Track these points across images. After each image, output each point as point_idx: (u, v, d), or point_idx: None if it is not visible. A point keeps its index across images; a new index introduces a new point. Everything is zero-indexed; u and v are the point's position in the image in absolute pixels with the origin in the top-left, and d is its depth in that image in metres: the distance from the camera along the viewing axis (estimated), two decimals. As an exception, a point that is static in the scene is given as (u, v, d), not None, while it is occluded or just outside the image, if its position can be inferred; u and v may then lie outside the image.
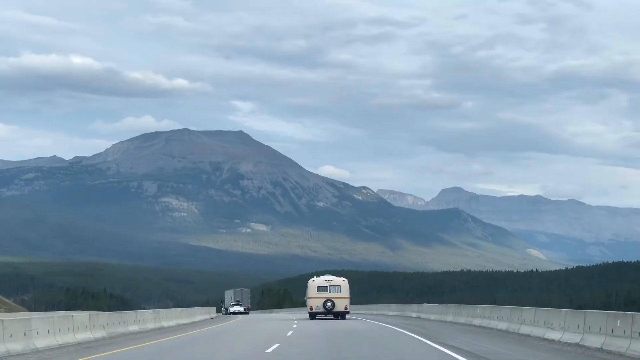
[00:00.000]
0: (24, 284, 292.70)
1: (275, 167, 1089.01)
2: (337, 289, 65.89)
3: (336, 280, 66.61)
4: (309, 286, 66.79)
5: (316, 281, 66.52)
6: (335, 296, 65.52)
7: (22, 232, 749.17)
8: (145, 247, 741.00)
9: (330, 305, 65.16)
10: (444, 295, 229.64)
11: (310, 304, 66.27)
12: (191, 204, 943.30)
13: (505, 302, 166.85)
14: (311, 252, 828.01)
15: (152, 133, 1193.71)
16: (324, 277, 67.02)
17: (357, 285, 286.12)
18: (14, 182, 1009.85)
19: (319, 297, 65.53)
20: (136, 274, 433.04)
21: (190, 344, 35.45)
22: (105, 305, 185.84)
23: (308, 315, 68.91)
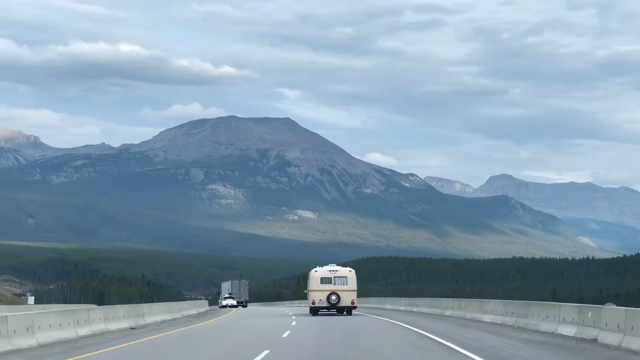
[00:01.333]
0: (68, 270, 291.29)
1: (322, 154, 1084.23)
2: (343, 280, 58.02)
3: (342, 271, 58.65)
4: (311, 277, 58.90)
5: (319, 272, 58.65)
6: (340, 289, 57.73)
7: (71, 218, 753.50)
8: (192, 234, 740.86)
9: (335, 299, 57.46)
10: (496, 283, 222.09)
11: (312, 298, 58.22)
12: (238, 190, 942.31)
13: (570, 294, 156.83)
14: (358, 239, 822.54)
15: (199, 120, 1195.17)
16: (328, 267, 59.21)
17: (404, 272, 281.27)
18: (63, 169, 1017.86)
19: (322, 290, 57.76)
20: (182, 261, 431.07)
21: (152, 352, 27.54)
22: (138, 292, 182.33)
23: (309, 309, 60.28)
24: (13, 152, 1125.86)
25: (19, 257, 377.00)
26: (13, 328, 28.36)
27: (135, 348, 29.35)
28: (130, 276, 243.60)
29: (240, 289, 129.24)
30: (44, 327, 31.14)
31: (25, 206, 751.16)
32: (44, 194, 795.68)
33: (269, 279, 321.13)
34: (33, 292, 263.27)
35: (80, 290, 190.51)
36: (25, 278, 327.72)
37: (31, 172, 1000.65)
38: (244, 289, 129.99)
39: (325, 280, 58.08)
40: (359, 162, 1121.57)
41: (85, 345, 30.57)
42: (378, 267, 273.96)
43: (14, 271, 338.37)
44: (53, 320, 32.32)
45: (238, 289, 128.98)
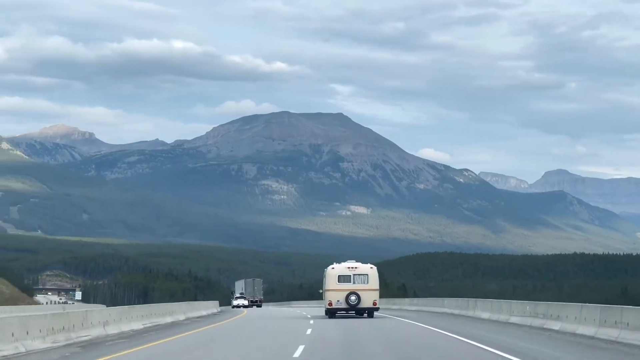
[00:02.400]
0: (118, 265, 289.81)
1: (375, 150, 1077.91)
2: (364, 278, 51.97)
3: (362, 268, 52.63)
4: (327, 275, 52.88)
5: (336, 269, 52.65)
6: (361, 288, 51.67)
7: (125, 214, 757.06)
8: (244, 229, 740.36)
9: (354, 299, 51.38)
10: (556, 280, 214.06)
11: (328, 298, 52.26)
12: (291, 186, 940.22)
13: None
14: (412, 235, 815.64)
15: (252, 116, 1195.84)
16: (347, 264, 53.03)
17: (460, 268, 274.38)
18: (118, 165, 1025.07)
19: (340, 290, 51.67)
20: (233, 256, 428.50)
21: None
22: (181, 288, 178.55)
23: (325, 311, 54.37)
24: (69, 148, 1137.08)
25: (71, 252, 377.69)
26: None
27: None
28: (178, 272, 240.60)
29: (255, 287, 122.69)
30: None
31: (80, 202, 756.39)
32: (99, 190, 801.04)
33: (321, 275, 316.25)
34: (82, 288, 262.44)
35: (124, 286, 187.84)
36: (76, 273, 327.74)
37: (86, 168, 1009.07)
38: (258, 288, 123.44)
39: (344, 278, 52.06)
40: (412, 158, 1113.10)
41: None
42: (432, 263, 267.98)
43: (65, 266, 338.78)
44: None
45: (252, 287, 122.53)
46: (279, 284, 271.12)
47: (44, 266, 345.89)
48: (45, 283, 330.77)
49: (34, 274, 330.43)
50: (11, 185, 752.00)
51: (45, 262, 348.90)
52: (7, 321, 25.88)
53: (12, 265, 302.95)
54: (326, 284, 52.79)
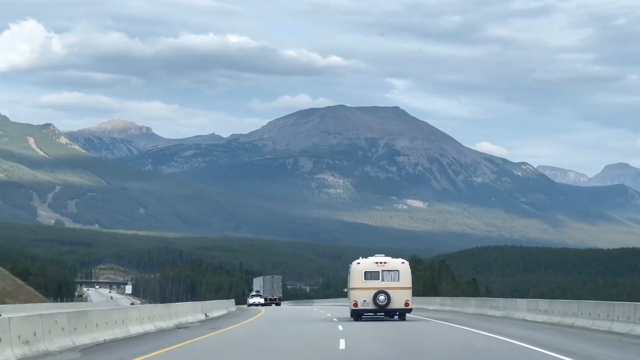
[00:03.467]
0: (171, 258, 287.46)
1: (431, 143, 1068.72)
2: (394, 275, 45.14)
3: (392, 263, 45.73)
4: (352, 272, 45.88)
5: (362, 264, 45.72)
6: (391, 286, 44.79)
7: (181, 208, 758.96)
8: (300, 223, 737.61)
9: (383, 299, 44.47)
10: (624, 275, 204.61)
11: (354, 298, 45.42)
12: (347, 180, 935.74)
13: None
14: (469, 229, 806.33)
15: (307, 110, 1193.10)
16: (374, 259, 45.92)
17: (522, 262, 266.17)
18: (174, 159, 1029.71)
19: (366, 288, 44.81)
20: (289, 250, 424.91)
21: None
22: (228, 282, 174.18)
23: (350, 312, 47.48)
24: (126, 143, 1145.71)
25: (126, 245, 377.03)
26: None
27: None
28: (231, 265, 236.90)
29: (273, 285, 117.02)
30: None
31: (136, 196, 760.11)
32: (155, 184, 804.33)
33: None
34: (133, 281, 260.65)
35: (172, 279, 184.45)
36: (129, 267, 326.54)
37: (143, 162, 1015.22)
38: (277, 285, 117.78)
39: (371, 275, 45.11)
40: (469, 151, 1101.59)
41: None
42: (493, 257, 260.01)
43: (119, 259, 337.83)
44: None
45: (270, 285, 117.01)
46: (334, 279, 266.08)
47: (98, 259, 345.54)
48: (98, 276, 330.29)
49: (88, 267, 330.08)
50: (69, 180, 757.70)
51: (98, 255, 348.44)
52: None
53: (65, 258, 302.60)
54: (351, 281, 45.88)
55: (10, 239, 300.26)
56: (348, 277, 47.26)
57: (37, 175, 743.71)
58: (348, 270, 47.35)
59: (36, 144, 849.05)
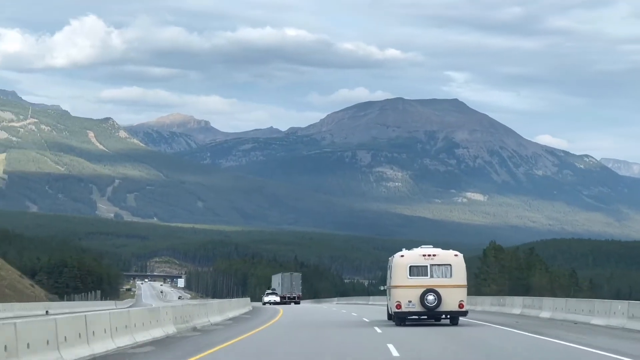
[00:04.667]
0: (227, 252, 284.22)
1: (491, 136, 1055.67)
2: (446, 270, 37.56)
3: (443, 256, 38.04)
4: (395, 266, 38.17)
5: (407, 257, 38.10)
6: (442, 284, 37.18)
7: (239, 202, 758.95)
8: (359, 217, 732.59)
9: (433, 300, 36.84)
10: None
11: (396, 298, 37.64)
12: (405, 173, 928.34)
13: None
14: (530, 223, 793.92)
15: (365, 103, 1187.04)
16: (421, 251, 38.38)
17: (590, 255, 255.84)
18: (232, 152, 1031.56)
19: (412, 286, 37.14)
20: (347, 244, 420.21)
21: None
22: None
23: (387, 315, 41.65)
24: (185, 136, 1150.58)
25: (182, 238, 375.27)
26: None
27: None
28: (287, 258, 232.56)
29: (292, 283, 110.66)
30: None
31: (195, 189, 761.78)
32: (213, 178, 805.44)
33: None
34: (187, 275, 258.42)
35: (223, 272, 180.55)
36: (185, 260, 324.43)
37: (201, 156, 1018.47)
38: (296, 283, 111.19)
39: (418, 270, 37.44)
40: (529, 144, 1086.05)
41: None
42: (558, 251, 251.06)
43: (174, 253, 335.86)
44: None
45: (289, 282, 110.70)
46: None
47: (153, 252, 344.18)
48: (153, 269, 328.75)
49: (142, 260, 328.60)
50: (128, 173, 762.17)
51: (153, 248, 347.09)
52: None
53: (120, 251, 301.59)
54: (392, 277, 38.30)
55: (67, 232, 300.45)
56: (388, 272, 40.24)
57: (97, 169, 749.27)
58: (388, 265, 40.24)
59: (96, 138, 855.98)
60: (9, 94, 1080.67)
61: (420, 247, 39.04)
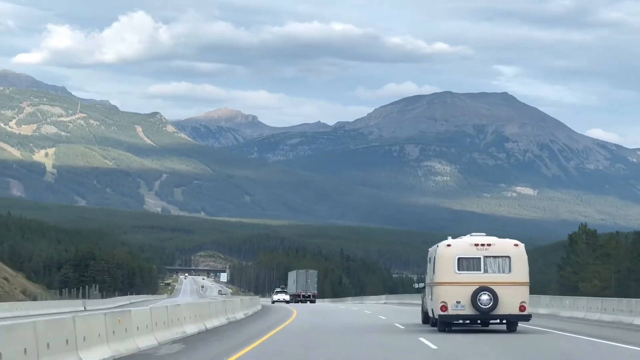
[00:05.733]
0: (273, 246, 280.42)
1: (541, 129, 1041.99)
2: (503, 264, 30.01)
3: (500, 246, 30.45)
4: (439, 258, 30.44)
5: (454, 247, 30.46)
6: (499, 280, 29.69)
7: (286, 196, 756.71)
8: (407, 211, 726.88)
9: (488, 300, 29.43)
10: None
11: (440, 298, 30.00)
12: (454, 167, 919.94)
13: None
14: (581, 217, 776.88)
15: (414, 96, 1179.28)
16: (473, 239, 30.96)
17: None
18: (280, 147, 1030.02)
19: (461, 283, 29.71)
20: (395, 238, 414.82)
21: None
22: (322, 268, 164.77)
23: (427, 319, 34.29)
24: (232, 131, 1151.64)
25: (228, 232, 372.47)
26: None
27: None
28: (333, 252, 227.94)
29: (308, 280, 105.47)
30: None
31: (242, 184, 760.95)
32: (261, 172, 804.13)
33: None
34: (231, 268, 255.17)
35: (265, 265, 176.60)
36: (230, 254, 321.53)
37: (249, 150, 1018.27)
38: (311, 280, 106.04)
39: (468, 263, 29.88)
40: (581, 137, 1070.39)
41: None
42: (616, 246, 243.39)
43: (219, 246, 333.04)
44: None
45: (305, 280, 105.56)
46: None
47: (198, 246, 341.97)
48: (198, 263, 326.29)
49: (187, 254, 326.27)
50: (176, 168, 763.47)
51: (198, 242, 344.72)
52: None
53: (164, 245, 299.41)
54: (436, 272, 30.52)
55: (112, 226, 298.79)
56: (428, 266, 32.82)
57: (145, 164, 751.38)
58: (428, 257, 32.92)
59: (144, 132, 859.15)
60: (59, 90, 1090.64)
61: (469, 234, 31.77)
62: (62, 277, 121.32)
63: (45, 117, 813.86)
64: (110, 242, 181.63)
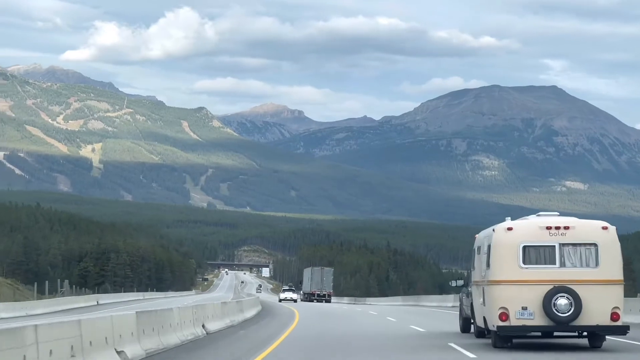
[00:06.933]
0: (318, 240, 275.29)
1: (591, 123, 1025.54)
2: (588, 255, 21.39)
3: (582, 229, 21.60)
4: (496, 245, 21.62)
5: (518, 230, 21.63)
6: (582, 278, 21.14)
7: (332, 190, 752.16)
8: (454, 205, 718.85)
9: (567, 306, 20.95)
10: None
11: (499, 302, 21.43)
12: (502, 161, 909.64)
13: None
14: (634, 212, 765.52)
15: (461, 90, 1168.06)
16: (543, 220, 21.88)
17: None
18: (326, 142, 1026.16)
19: (527, 282, 21.20)
20: (442, 232, 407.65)
21: None
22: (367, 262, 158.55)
23: (464, 324, 28.24)
24: (278, 126, 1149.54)
25: (272, 227, 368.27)
26: None
27: None
28: (380, 246, 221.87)
29: (323, 278, 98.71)
30: None
31: (288, 178, 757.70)
32: (307, 167, 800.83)
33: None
34: (274, 263, 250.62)
35: (307, 259, 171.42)
36: (274, 248, 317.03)
37: (295, 145, 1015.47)
38: (326, 278, 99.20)
39: (538, 253, 21.49)
40: (633, 131, 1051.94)
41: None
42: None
43: (263, 241, 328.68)
44: None
45: (320, 278, 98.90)
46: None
47: (242, 241, 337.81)
48: (241, 258, 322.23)
49: (230, 249, 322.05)
50: (221, 162, 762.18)
51: (242, 236, 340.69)
52: None
53: (207, 240, 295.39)
54: (491, 266, 21.88)
55: (155, 220, 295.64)
56: (476, 258, 24.29)
57: (191, 159, 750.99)
58: (475, 246, 24.79)
59: (190, 127, 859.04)
60: (106, 86, 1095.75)
61: (537, 214, 22.67)
62: (81, 270, 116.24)
63: (92, 113, 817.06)
64: (147, 235, 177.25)
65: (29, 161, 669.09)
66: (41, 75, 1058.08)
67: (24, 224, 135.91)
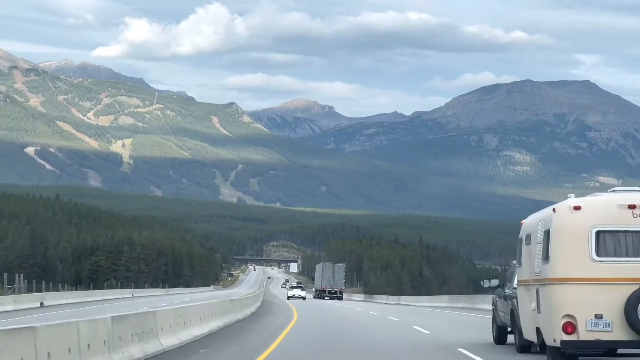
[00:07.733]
0: (348, 235, 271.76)
1: (625, 118, 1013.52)
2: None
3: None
4: (558, 230, 16.39)
5: (588, 209, 16.39)
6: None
7: (363, 186, 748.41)
8: (486, 201, 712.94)
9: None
10: None
11: (562, 309, 16.02)
12: (534, 157, 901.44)
13: None
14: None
15: (492, 85, 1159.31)
16: (620, 196, 16.57)
17: None
18: (356, 137, 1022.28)
19: (603, 280, 15.81)
20: (475, 228, 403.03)
21: None
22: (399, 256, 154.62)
23: (501, 334, 23.05)
24: (308, 122, 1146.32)
25: (301, 222, 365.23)
26: None
27: None
28: (411, 241, 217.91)
29: (334, 274, 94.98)
30: None
31: (318, 174, 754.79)
32: (337, 162, 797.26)
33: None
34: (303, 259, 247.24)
35: (335, 253, 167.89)
36: (303, 244, 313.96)
37: (325, 140, 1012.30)
38: (338, 275, 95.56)
39: (618, 241, 16.00)
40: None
41: None
42: None
43: (292, 236, 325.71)
44: None
45: (331, 274, 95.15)
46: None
47: (270, 236, 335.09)
48: (270, 254, 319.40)
49: (259, 244, 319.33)
50: (251, 158, 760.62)
51: (270, 231, 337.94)
52: None
53: (235, 235, 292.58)
54: (551, 259, 16.47)
55: (184, 215, 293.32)
56: (524, 249, 19.16)
57: (220, 154, 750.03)
58: (525, 234, 19.30)
59: (220, 123, 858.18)
60: (137, 82, 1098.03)
61: (613, 189, 17.71)
62: (92, 265, 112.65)
63: (123, 108, 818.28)
64: (172, 230, 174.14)
65: (60, 157, 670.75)
66: (73, 72, 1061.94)
67: (41, 216, 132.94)
